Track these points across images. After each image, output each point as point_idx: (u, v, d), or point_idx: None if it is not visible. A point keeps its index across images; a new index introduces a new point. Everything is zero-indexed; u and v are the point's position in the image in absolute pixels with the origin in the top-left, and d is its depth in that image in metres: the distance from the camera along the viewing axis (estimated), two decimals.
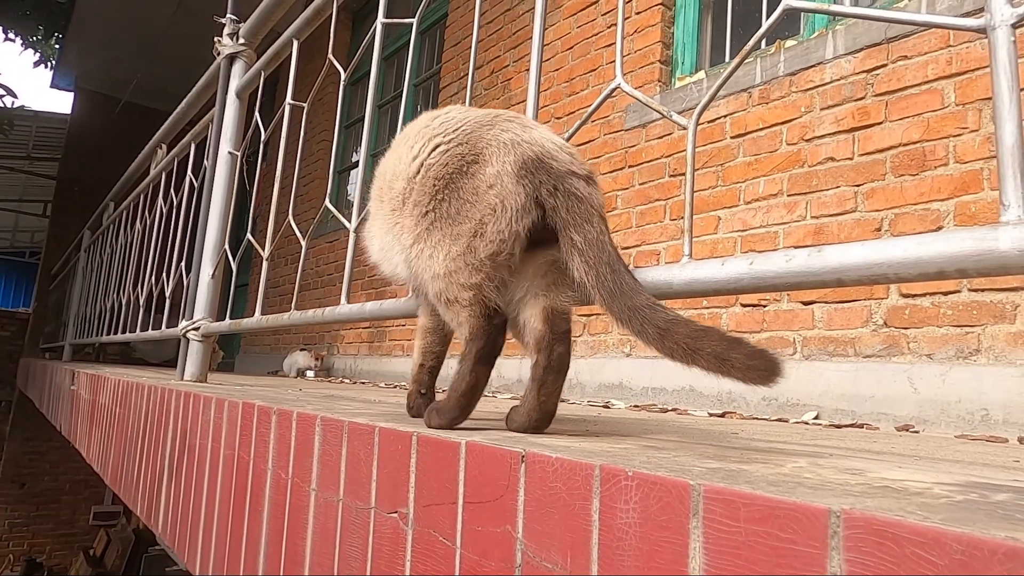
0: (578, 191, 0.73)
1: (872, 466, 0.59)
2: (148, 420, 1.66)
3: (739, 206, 2.49)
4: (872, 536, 0.34)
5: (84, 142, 7.84)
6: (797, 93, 2.38)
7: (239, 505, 1.06)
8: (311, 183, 6.08)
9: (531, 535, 0.54)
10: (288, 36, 1.80)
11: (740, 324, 2.41)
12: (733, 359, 0.60)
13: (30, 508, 7.43)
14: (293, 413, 0.91)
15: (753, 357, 0.59)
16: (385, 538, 0.70)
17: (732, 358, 0.60)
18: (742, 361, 0.60)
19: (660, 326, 0.64)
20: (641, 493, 0.46)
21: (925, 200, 2.00)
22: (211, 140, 2.11)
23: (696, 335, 0.62)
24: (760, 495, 0.39)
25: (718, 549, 0.41)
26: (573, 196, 0.72)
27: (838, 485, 0.45)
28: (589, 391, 2.88)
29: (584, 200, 0.73)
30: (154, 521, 1.53)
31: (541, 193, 0.73)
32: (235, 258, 1.91)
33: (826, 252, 0.56)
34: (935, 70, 2.03)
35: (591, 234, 0.71)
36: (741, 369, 0.60)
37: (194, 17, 6.05)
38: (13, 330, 8.03)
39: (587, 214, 0.72)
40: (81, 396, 2.84)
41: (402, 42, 5.28)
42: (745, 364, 0.59)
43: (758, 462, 0.57)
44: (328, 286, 5.39)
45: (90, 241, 4.95)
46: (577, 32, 3.39)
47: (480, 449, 0.60)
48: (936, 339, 1.91)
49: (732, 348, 0.60)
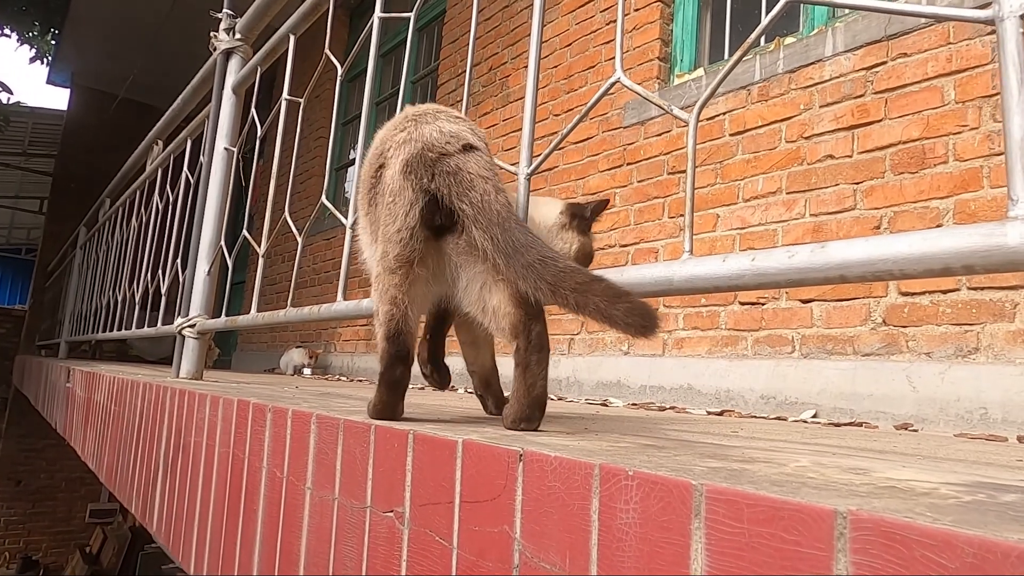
0: (451, 167, 0.76)
1: (876, 465, 0.58)
2: (143, 418, 1.65)
3: (738, 204, 2.49)
4: (880, 538, 0.34)
5: (80, 138, 7.81)
6: (796, 90, 2.37)
7: (234, 504, 1.05)
8: (308, 180, 6.06)
9: (529, 535, 0.53)
10: (285, 31, 1.78)
11: (739, 322, 2.41)
12: (614, 314, 0.63)
13: (26, 505, 7.41)
14: (288, 411, 0.90)
15: (632, 313, 0.63)
16: (381, 538, 0.69)
17: (614, 313, 0.63)
18: (622, 317, 0.63)
19: (550, 281, 0.67)
20: (642, 493, 0.45)
21: (925, 198, 1.99)
22: (207, 136, 2.10)
23: (582, 288, 0.65)
24: (764, 495, 0.39)
25: (720, 551, 0.40)
26: (448, 174, 0.76)
27: (843, 485, 0.44)
28: (587, 389, 2.87)
29: (459, 171, 0.75)
30: (149, 519, 1.51)
31: (424, 184, 0.76)
32: (231, 255, 1.90)
33: (829, 248, 0.55)
34: (935, 67, 2.02)
35: (474, 198, 0.74)
36: (622, 323, 0.63)
37: (190, 13, 6.02)
38: (9, 327, 8.01)
39: (467, 183, 0.75)
40: (76, 393, 2.82)
41: (400, 39, 5.26)
42: (625, 320, 0.63)
43: (760, 461, 0.56)
44: (325, 283, 5.37)
45: (86, 238, 4.92)
46: (575, 29, 3.38)
47: (477, 448, 0.59)
48: (935, 337, 1.90)
49: (614, 303, 0.63)
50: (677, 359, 2.57)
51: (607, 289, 0.64)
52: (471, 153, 0.78)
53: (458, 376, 3.84)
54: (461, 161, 0.77)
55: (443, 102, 4.41)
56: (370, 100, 1.39)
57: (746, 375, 2.32)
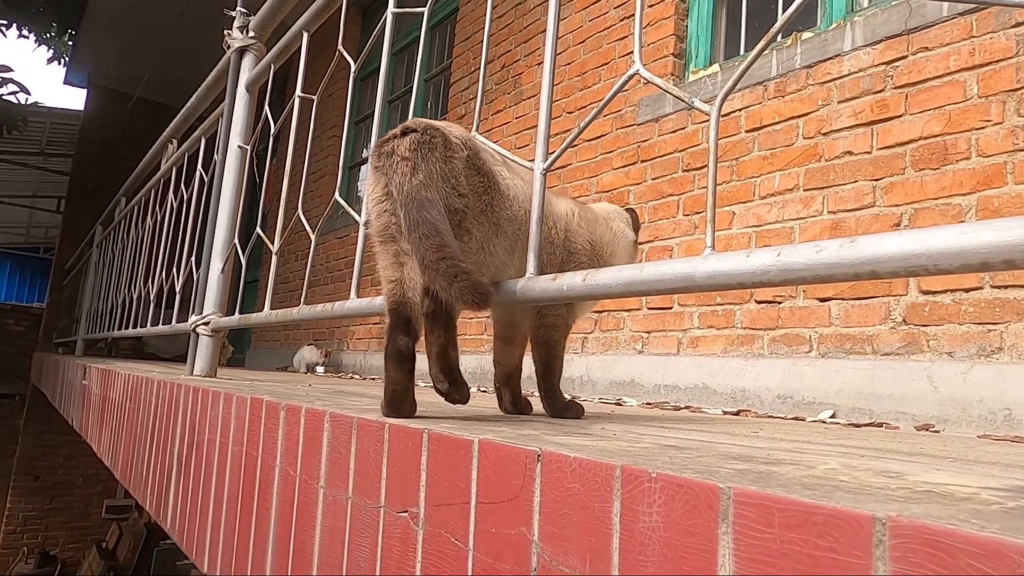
0: (387, 151, 0.84)
1: (908, 468, 0.56)
2: (158, 415, 1.65)
3: (754, 201, 2.46)
4: (922, 546, 0.32)
5: (96, 138, 7.88)
6: (814, 86, 2.34)
7: (247, 501, 1.04)
8: (320, 179, 6.08)
9: (547, 538, 0.51)
10: (298, 28, 1.78)
11: (755, 321, 2.38)
12: (452, 290, 0.72)
13: (44, 501, 7.49)
14: (302, 409, 0.89)
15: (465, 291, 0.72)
16: (395, 538, 0.68)
17: (452, 290, 0.72)
18: (458, 292, 0.72)
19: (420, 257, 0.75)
20: (666, 496, 0.43)
21: (946, 195, 1.95)
22: (221, 134, 2.10)
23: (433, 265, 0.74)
24: (796, 500, 0.37)
25: (750, 557, 0.38)
26: (384, 156, 0.84)
27: (878, 489, 0.42)
28: (600, 388, 2.85)
29: (391, 155, 0.83)
30: (163, 517, 1.52)
31: (375, 163, 0.86)
32: (245, 253, 1.90)
33: (860, 243, 0.53)
34: (957, 61, 1.98)
35: (395, 179, 0.82)
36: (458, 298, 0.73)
37: (204, 13, 6.06)
38: (27, 325, 8.11)
39: (392, 166, 0.83)
40: (92, 391, 2.84)
41: (412, 37, 5.26)
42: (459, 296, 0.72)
43: (787, 463, 0.54)
44: (338, 282, 5.38)
45: (102, 237, 4.97)
46: (589, 26, 3.35)
47: (494, 448, 0.57)
48: (957, 337, 1.86)
49: (454, 281, 0.72)
50: (692, 358, 2.55)
51: (449, 271, 0.73)
52: (408, 134, 0.84)
53: (470, 375, 3.82)
54: (394, 145, 0.84)
55: (455, 101, 4.41)
56: (384, 95, 1.38)
57: (762, 374, 2.29)
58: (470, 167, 0.87)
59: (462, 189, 0.85)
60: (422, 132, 0.84)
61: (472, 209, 0.86)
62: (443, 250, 0.74)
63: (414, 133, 0.84)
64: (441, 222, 0.78)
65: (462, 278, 0.72)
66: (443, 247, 0.75)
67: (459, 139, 0.87)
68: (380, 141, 0.87)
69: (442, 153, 0.84)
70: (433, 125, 0.86)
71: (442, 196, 0.82)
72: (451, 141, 0.86)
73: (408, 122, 0.88)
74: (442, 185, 0.82)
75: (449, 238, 0.77)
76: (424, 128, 0.85)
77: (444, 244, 0.75)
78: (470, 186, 0.86)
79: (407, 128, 0.86)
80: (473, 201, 0.86)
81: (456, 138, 0.87)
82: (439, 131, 0.86)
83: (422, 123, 0.86)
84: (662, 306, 2.71)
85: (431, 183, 0.81)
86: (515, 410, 1.09)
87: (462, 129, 0.92)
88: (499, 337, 1.12)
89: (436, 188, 0.81)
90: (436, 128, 0.86)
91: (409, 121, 0.88)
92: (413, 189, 0.80)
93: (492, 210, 0.89)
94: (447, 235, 0.77)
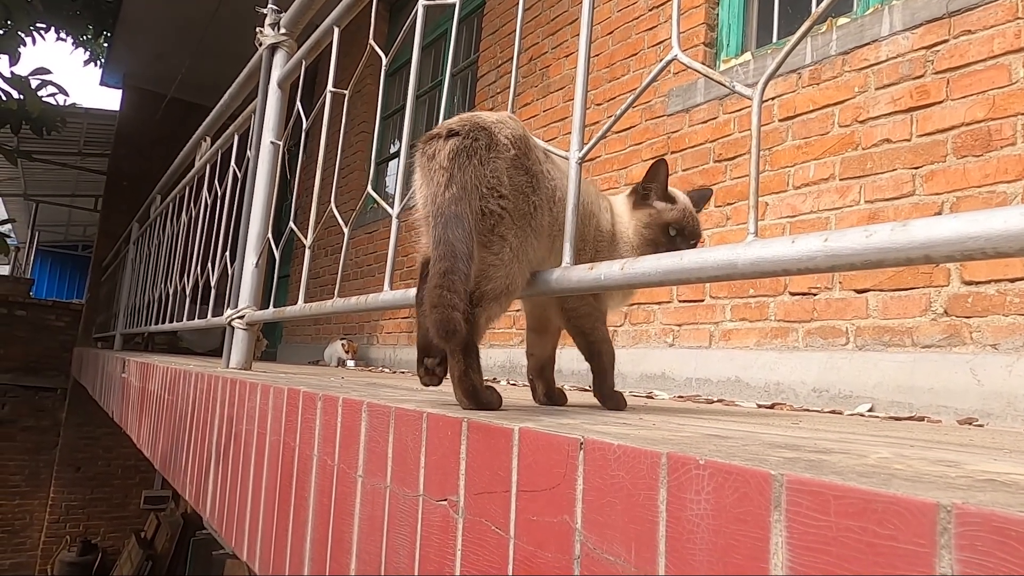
0: (429, 154, 0.82)
1: (964, 458, 0.55)
2: (196, 407, 1.69)
3: (787, 191, 2.41)
4: (991, 535, 0.31)
5: (132, 138, 8.05)
6: (850, 72, 2.28)
7: (285, 491, 1.06)
8: (350, 174, 6.13)
9: (591, 526, 0.51)
10: (329, 23, 1.79)
11: (789, 313, 2.34)
12: (428, 319, 0.74)
13: (85, 491, 7.72)
14: (339, 399, 0.90)
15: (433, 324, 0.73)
16: (434, 526, 0.68)
17: (428, 319, 0.74)
18: (431, 322, 0.74)
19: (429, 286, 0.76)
20: (715, 483, 0.43)
21: (990, 182, 1.89)
22: (254, 130, 2.13)
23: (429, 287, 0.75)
24: (853, 487, 0.36)
25: (804, 545, 0.38)
26: (427, 159, 0.83)
27: (937, 477, 0.41)
28: (630, 381, 2.83)
29: (432, 159, 0.82)
30: (202, 506, 1.55)
31: (417, 161, 0.84)
32: (278, 247, 1.92)
33: (912, 227, 0.51)
34: (1001, 44, 1.91)
35: (431, 188, 0.81)
36: (429, 327, 0.74)
37: (236, 12, 6.14)
38: (67, 320, 8.33)
39: (431, 172, 0.81)
40: (131, 383, 2.91)
41: (439, 31, 5.27)
42: (430, 326, 0.74)
43: (837, 452, 0.53)
44: (368, 276, 5.43)
45: (138, 233, 5.08)
46: (617, 16, 3.32)
47: (535, 436, 0.57)
48: (1002, 328, 1.81)
49: (431, 311, 0.73)
50: (724, 351, 2.51)
51: (432, 300, 0.73)
52: (450, 138, 0.81)
53: (499, 369, 3.81)
54: (434, 148, 0.82)
55: (482, 95, 4.40)
56: (414, 88, 1.38)
57: (797, 367, 2.25)
58: (516, 167, 0.85)
59: (503, 190, 0.82)
60: (464, 136, 0.81)
61: (512, 212, 0.84)
62: (446, 277, 0.74)
63: (456, 138, 0.81)
64: (460, 243, 0.76)
65: (439, 310, 0.73)
66: (448, 274, 0.74)
67: (509, 138, 0.84)
68: (426, 137, 0.84)
69: (483, 157, 0.81)
70: (480, 125, 0.83)
71: (475, 205, 0.80)
72: (498, 141, 0.83)
73: (455, 122, 0.84)
74: (476, 194, 0.80)
75: (461, 262, 0.75)
76: (468, 131, 0.82)
77: (451, 271, 0.74)
78: (513, 186, 0.84)
79: (451, 130, 0.82)
80: (514, 203, 0.84)
81: (506, 137, 0.84)
82: (485, 132, 0.83)
83: (468, 123, 0.83)
84: (693, 299, 2.68)
85: (463, 196, 0.79)
86: (549, 402, 1.09)
87: (517, 125, 0.88)
88: (532, 329, 1.12)
89: (468, 201, 0.79)
90: (482, 129, 0.83)
91: (456, 120, 0.85)
92: (445, 203, 0.78)
93: (536, 213, 0.87)
94: (461, 259, 0.76)
